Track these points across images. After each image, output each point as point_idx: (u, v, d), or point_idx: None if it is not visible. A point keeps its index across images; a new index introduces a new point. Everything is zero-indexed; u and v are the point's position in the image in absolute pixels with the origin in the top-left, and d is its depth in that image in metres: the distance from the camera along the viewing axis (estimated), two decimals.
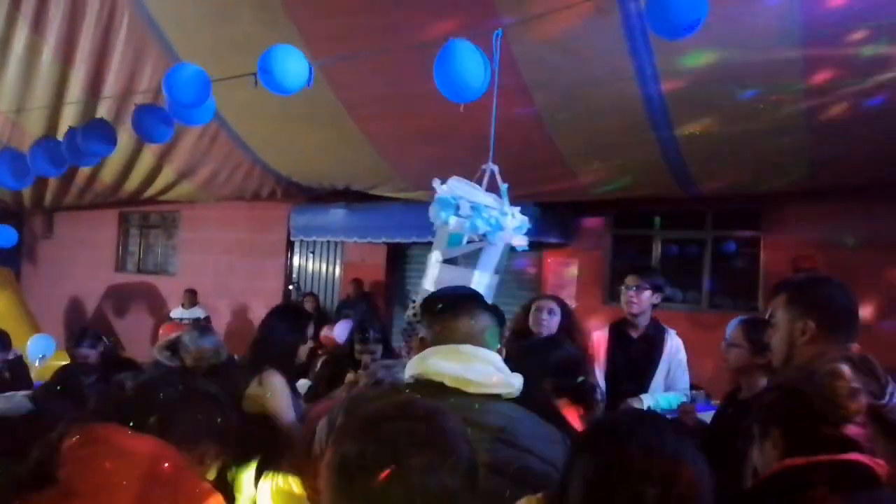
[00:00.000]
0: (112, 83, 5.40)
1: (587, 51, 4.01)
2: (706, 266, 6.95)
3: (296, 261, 9.63)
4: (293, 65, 3.21)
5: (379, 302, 8.68)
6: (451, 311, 1.58)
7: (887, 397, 1.90)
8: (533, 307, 3.47)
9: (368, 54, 3.97)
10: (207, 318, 8.68)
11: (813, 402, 1.40)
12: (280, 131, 5.80)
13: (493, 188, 2.86)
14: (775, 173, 5.17)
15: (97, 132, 4.02)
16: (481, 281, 2.54)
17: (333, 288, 9.32)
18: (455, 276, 2.58)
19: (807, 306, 1.94)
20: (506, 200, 2.68)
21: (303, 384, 5.60)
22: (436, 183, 2.64)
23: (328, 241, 8.97)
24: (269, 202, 8.55)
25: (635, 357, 3.34)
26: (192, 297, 8.82)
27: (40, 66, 5.29)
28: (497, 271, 2.65)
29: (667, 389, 3.28)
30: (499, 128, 4.16)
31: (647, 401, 3.14)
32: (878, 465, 1.39)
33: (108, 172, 7.35)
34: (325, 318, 8.30)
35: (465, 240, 2.66)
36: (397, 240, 7.81)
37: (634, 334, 3.39)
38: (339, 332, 7.09)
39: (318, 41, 4.49)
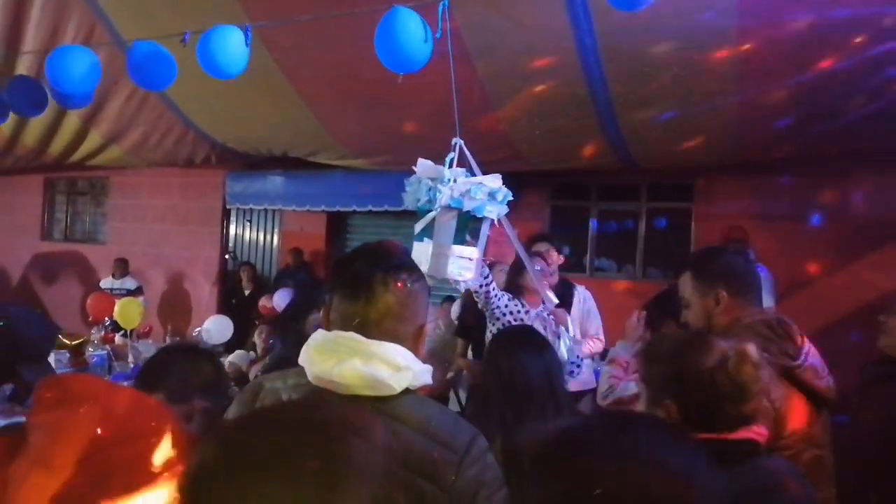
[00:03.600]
0: (32, 37, 5.09)
1: (529, 18, 4.01)
2: (640, 237, 7.15)
3: (232, 229, 9.41)
4: (233, 46, 3.09)
5: (319, 271, 8.59)
6: (344, 287, 1.31)
7: (801, 358, 2.01)
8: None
9: (307, 19, 3.86)
10: (139, 289, 8.43)
11: (715, 383, 1.40)
12: (214, 95, 5.59)
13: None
14: (706, 146, 5.32)
15: (25, 91, 3.79)
16: (438, 254, 2.52)
17: (272, 257, 9.17)
18: (419, 253, 2.56)
19: (713, 277, 2.03)
20: (447, 171, 2.64)
21: (241, 355, 5.54)
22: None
23: (266, 210, 8.80)
24: (204, 168, 8.30)
25: None
26: (122, 267, 8.52)
27: None
28: (462, 242, 2.61)
29: (582, 335, 4.04)
30: (440, 96, 4.13)
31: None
32: (760, 434, 1.43)
33: (30, 135, 6.96)
34: (262, 287, 8.18)
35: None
36: (337, 208, 7.73)
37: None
38: (279, 300, 7.01)
39: (254, 1, 4.35)
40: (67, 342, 5.63)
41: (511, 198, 2.72)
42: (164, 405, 1.41)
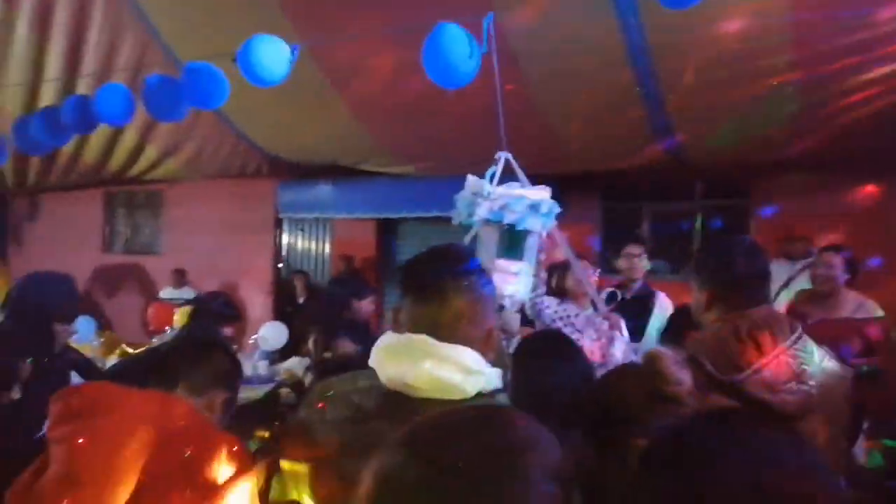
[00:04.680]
0: (91, 59, 5.28)
1: (575, 19, 3.95)
2: (695, 237, 6.96)
3: (284, 238, 9.56)
4: (273, 54, 3.12)
5: (370, 277, 8.64)
6: (415, 290, 1.31)
7: (748, 371, 1.79)
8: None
9: (351, 38, 3.87)
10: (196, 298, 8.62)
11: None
12: (264, 106, 5.70)
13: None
14: (763, 143, 5.15)
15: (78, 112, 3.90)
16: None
17: (324, 265, 9.27)
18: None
19: (705, 275, 1.96)
20: (488, 185, 2.60)
21: (296, 361, 5.61)
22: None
23: (317, 218, 8.91)
24: (255, 179, 8.46)
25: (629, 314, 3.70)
26: (180, 277, 8.75)
27: (16, 42, 5.15)
28: (511, 256, 2.57)
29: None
30: (487, 101, 4.08)
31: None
32: None
33: (91, 152, 7.22)
34: (316, 295, 8.28)
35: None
36: (385, 215, 7.77)
37: (628, 295, 4.05)
38: None
39: (301, 15, 4.40)
40: (130, 350, 5.80)
41: (558, 210, 2.67)
42: (185, 403, 1.42)
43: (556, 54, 4.29)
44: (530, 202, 2.49)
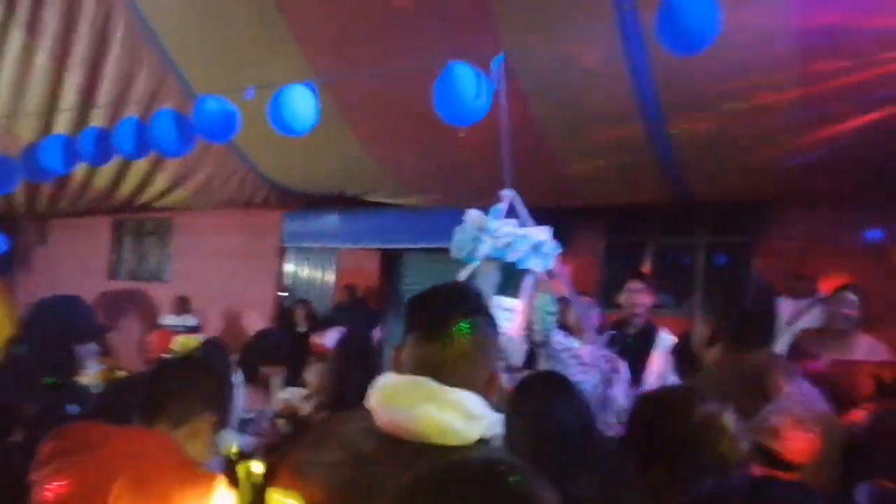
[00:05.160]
0: (107, 89, 5.39)
1: (584, 56, 4.04)
2: (699, 272, 6.97)
3: (289, 268, 9.59)
4: (303, 103, 3.21)
5: (373, 308, 8.64)
6: (419, 328, 1.27)
7: (758, 418, 1.75)
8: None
9: (367, 76, 3.96)
10: (199, 326, 8.64)
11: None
12: (274, 137, 5.77)
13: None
14: (769, 178, 5.20)
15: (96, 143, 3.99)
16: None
17: (328, 295, 9.28)
18: None
19: (711, 310, 1.92)
20: (493, 222, 2.63)
21: (294, 391, 5.58)
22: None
23: (322, 248, 8.95)
24: (262, 209, 8.53)
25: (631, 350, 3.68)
26: (183, 304, 8.78)
27: (34, 70, 5.27)
28: (507, 293, 2.60)
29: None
30: (494, 134, 4.14)
31: None
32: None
33: (101, 179, 7.32)
34: (317, 325, 8.26)
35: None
36: (391, 246, 7.81)
37: (631, 331, 3.98)
38: (330, 339, 7.05)
39: (315, 47, 4.51)
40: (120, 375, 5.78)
41: (559, 251, 2.69)
42: (164, 439, 1.42)
43: (563, 90, 4.37)
44: (533, 242, 2.52)
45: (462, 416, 1.17)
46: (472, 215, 2.62)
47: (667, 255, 7.29)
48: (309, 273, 9.49)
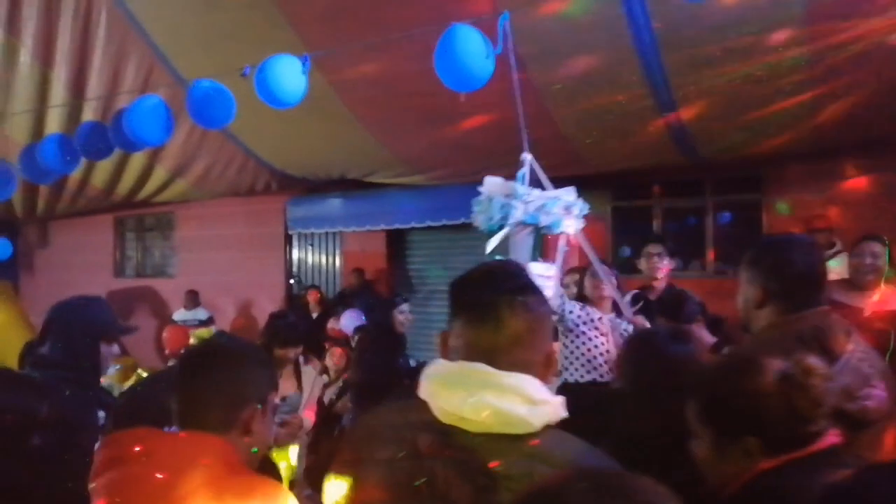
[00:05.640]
0: (95, 83, 5.28)
1: (583, 17, 3.92)
2: (708, 233, 6.89)
3: (295, 254, 9.55)
4: (290, 74, 3.10)
5: (382, 289, 8.61)
6: (468, 311, 1.20)
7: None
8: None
9: (363, 45, 3.84)
10: (211, 319, 8.62)
11: (792, 403, 1.29)
12: (272, 123, 5.68)
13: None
14: (775, 134, 5.08)
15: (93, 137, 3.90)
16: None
17: (335, 279, 9.25)
18: None
19: (760, 270, 1.87)
20: (521, 186, 2.54)
21: (308, 371, 5.56)
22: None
23: (327, 233, 8.89)
24: (264, 196, 8.46)
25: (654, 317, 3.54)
26: (193, 298, 8.75)
27: (19, 70, 5.16)
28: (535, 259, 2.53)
29: None
30: (497, 105, 4.04)
31: None
32: (836, 435, 1.35)
33: (99, 177, 7.23)
34: (329, 310, 8.24)
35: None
36: (396, 226, 7.75)
37: (652, 296, 3.89)
38: (346, 322, 7.04)
39: (307, 25, 4.39)
40: (145, 375, 5.76)
41: (587, 211, 2.61)
42: (217, 442, 1.36)
43: (565, 56, 4.26)
44: (565, 203, 2.44)
45: (525, 402, 1.10)
46: (494, 182, 2.52)
47: (674, 217, 7.21)
48: (315, 258, 9.44)
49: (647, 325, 3.56)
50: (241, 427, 1.41)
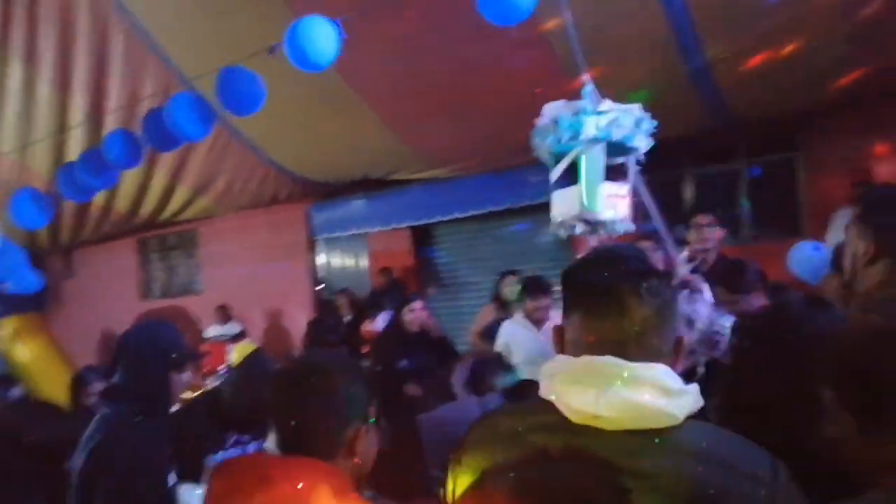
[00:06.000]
0: (114, 107, 5.21)
1: None
2: (743, 196, 6.72)
3: (321, 259, 9.47)
4: (323, 35, 2.97)
5: (412, 287, 8.52)
6: (589, 301, 1.11)
7: None
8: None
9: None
10: (243, 332, 8.57)
11: None
12: (291, 128, 5.61)
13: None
14: (809, 91, 4.92)
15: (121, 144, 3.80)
16: (590, 192, 2.25)
17: (364, 281, 9.16)
18: (565, 199, 2.31)
19: (871, 225, 1.75)
20: (589, 102, 2.35)
21: None
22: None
23: (352, 235, 8.81)
24: (287, 204, 8.39)
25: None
26: (224, 313, 8.71)
27: (39, 99, 5.10)
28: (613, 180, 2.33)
29: None
30: (519, 92, 3.88)
31: None
32: None
33: (122, 200, 7.19)
34: (362, 312, 8.16)
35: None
36: (422, 221, 7.65)
37: (704, 268, 3.77)
38: (382, 323, 6.95)
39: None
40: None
41: (654, 126, 2.45)
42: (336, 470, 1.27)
43: (592, 23, 4.12)
44: (636, 116, 2.28)
45: (663, 394, 1.02)
46: (555, 106, 2.37)
47: (707, 185, 7.04)
48: (342, 261, 9.36)
49: (702, 283, 3.44)
50: (347, 448, 1.32)
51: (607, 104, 2.28)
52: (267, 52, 3.09)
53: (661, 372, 1.04)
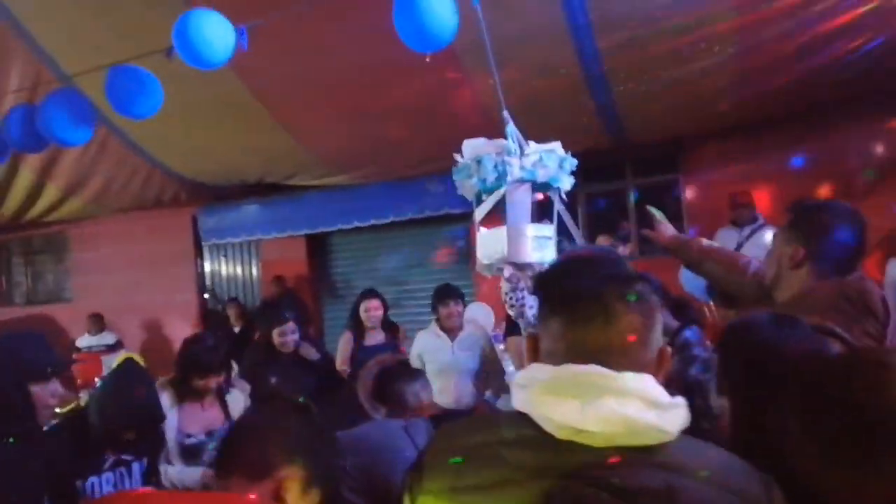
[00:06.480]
0: None
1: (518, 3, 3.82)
2: (631, 215, 7.02)
3: (207, 266, 9.00)
4: (216, 31, 2.75)
5: (305, 296, 8.26)
6: (570, 308, 1.02)
7: (888, 337, 1.81)
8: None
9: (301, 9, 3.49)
10: (119, 343, 7.99)
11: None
12: (179, 127, 5.24)
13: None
14: (699, 114, 5.21)
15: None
16: (516, 236, 2.21)
17: (254, 290, 8.79)
18: (491, 240, 2.27)
19: (802, 232, 1.86)
20: (513, 140, 2.33)
21: (236, 396, 5.16)
22: (457, 157, 2.31)
23: (241, 242, 8.42)
24: (169, 208, 7.91)
25: None
26: (98, 322, 8.07)
27: None
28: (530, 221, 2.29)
29: None
30: (424, 99, 3.86)
31: None
32: None
33: None
34: (252, 323, 7.81)
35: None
36: (320, 229, 7.44)
37: None
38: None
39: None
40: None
41: (575, 167, 2.47)
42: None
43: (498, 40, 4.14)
44: (560, 157, 2.26)
45: (652, 407, 0.95)
46: (477, 144, 2.32)
47: (597, 201, 7.30)
48: (230, 269, 8.93)
49: None
50: (271, 487, 1.20)
51: (532, 145, 2.28)
52: (164, 55, 2.82)
53: (649, 383, 0.97)
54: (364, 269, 7.98)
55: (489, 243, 2.29)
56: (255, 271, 8.80)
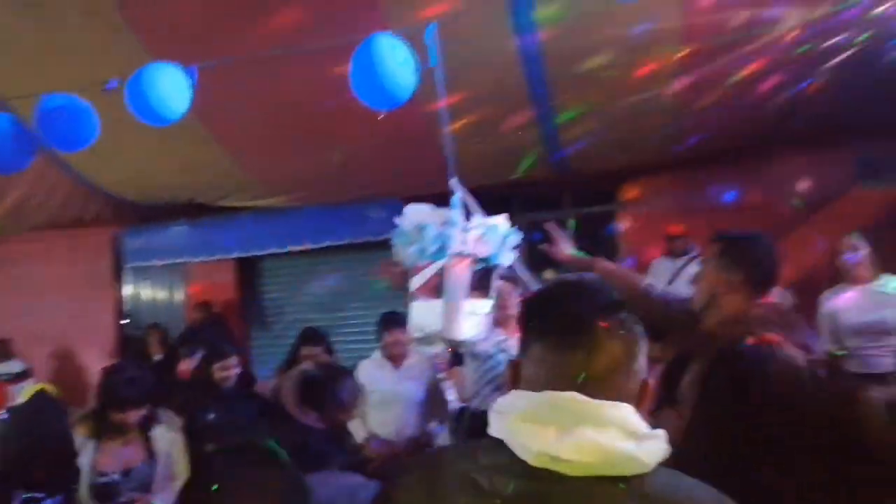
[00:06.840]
0: None
1: (470, 31, 3.82)
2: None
3: (127, 291, 8.51)
4: (173, 85, 2.60)
5: (233, 323, 7.92)
6: (553, 334, 1.02)
7: (815, 349, 2.03)
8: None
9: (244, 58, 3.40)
10: (26, 372, 7.39)
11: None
12: (106, 141, 4.94)
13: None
14: (639, 148, 5.35)
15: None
16: (450, 310, 2.18)
17: (179, 315, 8.36)
18: (426, 312, 2.23)
19: (737, 260, 2.07)
20: (458, 213, 2.32)
21: (161, 434, 4.82)
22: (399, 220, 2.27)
23: (166, 265, 8.01)
24: (88, 228, 7.44)
25: None
26: (3, 349, 7.47)
27: None
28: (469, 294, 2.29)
29: None
30: (372, 123, 3.75)
31: None
32: None
33: None
34: (174, 351, 7.41)
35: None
36: (252, 253, 7.17)
37: None
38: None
39: (160, 42, 3.86)
40: None
41: (518, 242, 2.49)
42: None
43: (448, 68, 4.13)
44: (504, 233, 2.27)
45: (630, 437, 0.94)
46: (421, 210, 2.28)
47: (536, 231, 7.36)
48: (152, 294, 8.48)
49: None
50: None
51: (476, 219, 2.29)
52: (102, 89, 2.65)
53: (628, 413, 0.96)
54: (298, 296, 7.73)
55: (423, 315, 2.26)
56: (180, 296, 8.38)
